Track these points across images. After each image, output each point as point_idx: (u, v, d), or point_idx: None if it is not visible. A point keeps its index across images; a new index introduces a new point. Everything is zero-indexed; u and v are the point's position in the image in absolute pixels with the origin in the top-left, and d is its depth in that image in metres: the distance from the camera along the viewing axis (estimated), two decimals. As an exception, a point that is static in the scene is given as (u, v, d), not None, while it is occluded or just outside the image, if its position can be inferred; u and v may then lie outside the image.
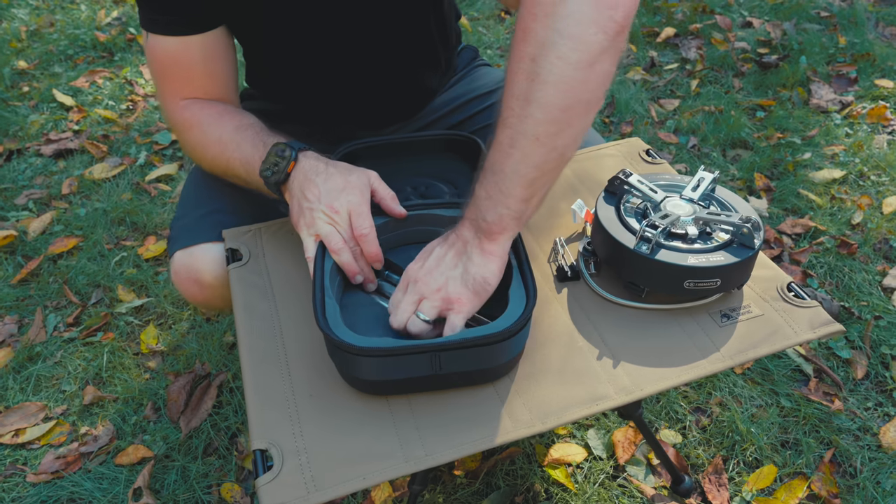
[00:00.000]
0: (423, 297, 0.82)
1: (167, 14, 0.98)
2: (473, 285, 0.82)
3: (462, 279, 0.82)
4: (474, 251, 0.82)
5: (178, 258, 1.05)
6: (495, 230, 0.81)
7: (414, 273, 0.85)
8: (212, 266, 1.03)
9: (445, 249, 0.84)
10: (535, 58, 0.74)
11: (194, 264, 1.04)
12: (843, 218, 1.93)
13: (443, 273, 0.83)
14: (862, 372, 1.53)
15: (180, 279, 1.06)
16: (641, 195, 0.94)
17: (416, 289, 0.83)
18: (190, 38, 0.99)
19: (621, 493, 1.33)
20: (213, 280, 1.03)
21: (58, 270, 1.91)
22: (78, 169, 2.33)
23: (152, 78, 1.09)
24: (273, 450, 0.74)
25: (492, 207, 0.80)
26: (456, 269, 0.82)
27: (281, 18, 1.03)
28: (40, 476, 1.41)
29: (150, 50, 1.02)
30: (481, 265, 0.82)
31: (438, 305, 0.82)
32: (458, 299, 0.81)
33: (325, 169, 0.93)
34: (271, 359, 0.85)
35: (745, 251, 0.86)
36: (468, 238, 0.83)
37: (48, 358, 1.67)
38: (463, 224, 0.84)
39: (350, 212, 0.90)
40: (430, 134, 1.11)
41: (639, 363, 0.83)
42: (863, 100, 2.43)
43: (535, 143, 0.76)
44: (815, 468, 1.36)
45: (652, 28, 2.97)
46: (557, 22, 0.72)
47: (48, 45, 3.10)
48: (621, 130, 2.41)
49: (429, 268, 0.84)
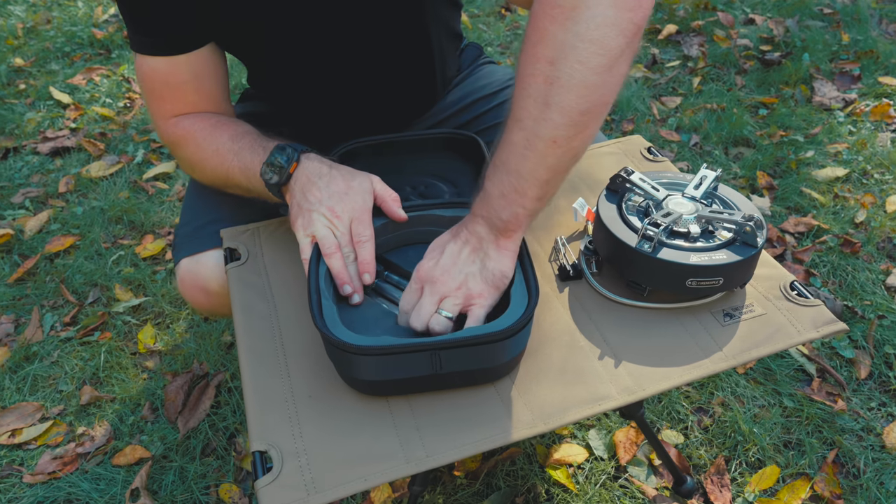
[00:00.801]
0: (444, 295, 0.83)
1: (152, 36, 0.97)
2: (493, 280, 0.83)
3: (481, 275, 0.83)
4: (490, 247, 0.83)
5: (184, 266, 1.05)
6: (511, 227, 0.82)
7: (428, 272, 0.85)
8: (218, 273, 1.03)
9: (459, 246, 0.85)
10: (554, 61, 0.73)
11: (200, 272, 1.04)
12: (847, 216, 1.93)
13: (461, 270, 0.84)
14: (865, 372, 1.53)
15: (186, 287, 1.06)
16: (643, 193, 0.94)
17: (435, 289, 0.84)
18: (178, 57, 0.98)
19: (623, 493, 1.32)
20: (219, 288, 1.03)
21: (54, 269, 1.91)
22: (75, 167, 2.33)
23: (143, 97, 1.09)
24: (272, 451, 0.74)
25: (507, 206, 0.81)
26: (474, 265, 0.84)
27: (282, 33, 1.02)
28: (37, 477, 1.41)
29: (140, 70, 1.01)
30: (498, 260, 0.83)
31: (461, 302, 0.83)
32: (479, 294, 0.83)
33: (328, 172, 0.93)
34: (270, 359, 0.85)
35: (748, 250, 0.85)
36: (483, 235, 0.83)
37: (45, 358, 1.67)
38: (475, 221, 0.84)
39: (351, 218, 0.90)
40: (430, 133, 1.10)
41: (641, 363, 0.83)
42: (866, 97, 2.43)
43: (552, 146, 0.77)
44: (818, 469, 1.36)
45: (654, 25, 2.96)
46: (578, 25, 0.71)
47: (45, 42, 3.10)
48: (623, 128, 2.40)
49: (445, 266, 0.84)
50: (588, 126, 0.77)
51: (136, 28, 0.97)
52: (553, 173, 0.79)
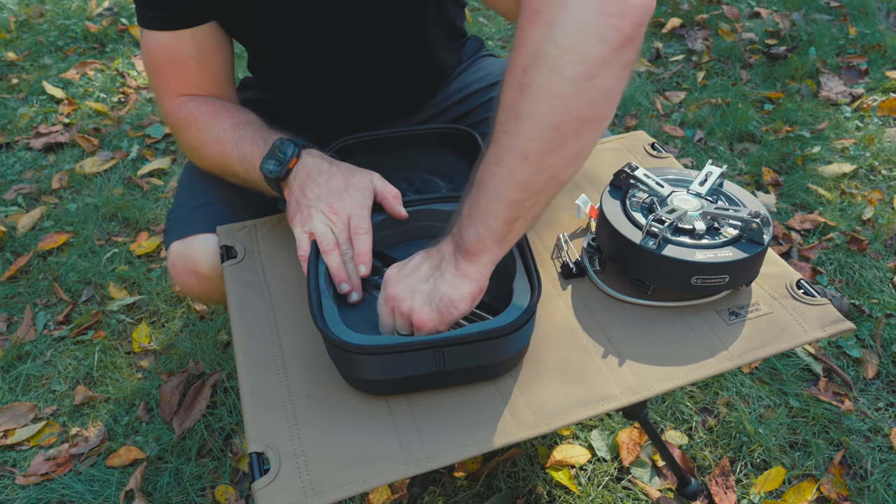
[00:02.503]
0: (394, 307, 0.81)
1: (158, 10, 0.99)
2: (438, 305, 0.78)
3: (428, 296, 0.79)
4: (449, 269, 0.78)
5: (175, 249, 1.05)
6: (473, 250, 0.76)
7: (389, 277, 0.83)
8: (209, 256, 1.03)
9: (423, 260, 0.82)
10: (528, 69, 0.68)
11: (191, 255, 1.04)
12: (854, 213, 1.92)
13: (411, 285, 0.80)
14: (873, 371, 1.53)
15: (177, 270, 1.06)
16: (648, 189, 0.94)
17: (387, 295, 0.82)
18: (182, 32, 1.00)
19: (626, 495, 1.32)
20: (209, 271, 1.03)
21: (48, 267, 1.91)
22: (68, 163, 2.32)
23: (148, 75, 1.10)
24: (270, 452, 0.74)
25: (471, 225, 0.76)
26: (426, 284, 0.79)
27: (280, 17, 1.03)
28: (29, 478, 1.41)
29: (145, 46, 1.04)
30: (452, 285, 0.78)
31: (405, 323, 0.80)
32: (419, 318, 0.78)
33: (328, 168, 0.93)
34: (267, 359, 0.85)
35: (754, 247, 0.85)
36: (445, 254, 0.79)
37: (38, 357, 1.67)
38: (447, 238, 0.81)
39: (350, 215, 0.90)
40: (426, 128, 1.10)
41: (645, 362, 0.83)
42: (874, 92, 2.43)
43: (522, 161, 0.71)
44: (825, 470, 1.35)
45: (657, 18, 2.96)
46: (554, 31, 0.66)
47: (38, 35, 3.10)
48: (626, 123, 2.40)
49: (402, 275, 0.82)
50: (565, 143, 0.71)
51: (144, 2, 1.00)
52: (525, 194, 0.73)
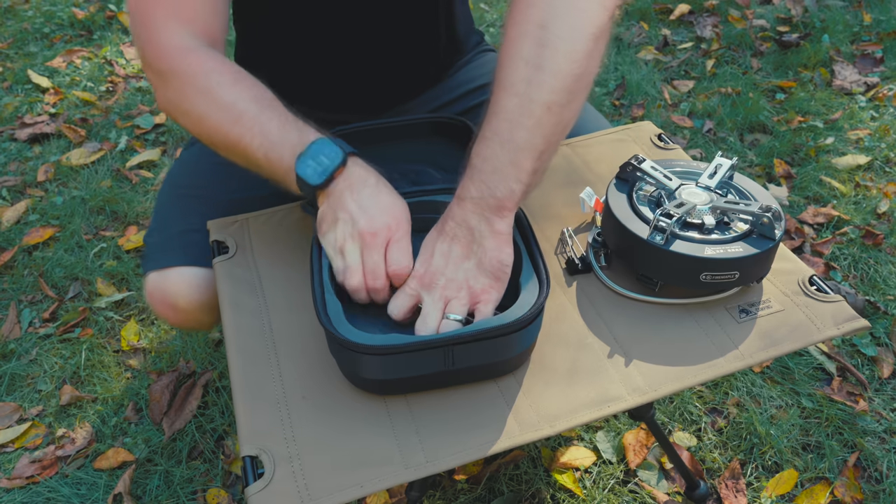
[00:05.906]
0: (447, 299, 0.81)
1: None
2: (493, 271, 0.80)
3: (479, 269, 0.81)
4: (485, 236, 0.80)
5: (152, 280, 1.05)
6: (507, 205, 0.80)
7: (422, 278, 0.82)
8: (187, 290, 1.02)
9: (448, 244, 0.82)
10: (545, 24, 0.77)
11: (169, 289, 1.03)
12: (868, 207, 1.92)
13: (456, 270, 0.81)
14: (888, 370, 1.53)
15: (154, 301, 1.05)
16: (655, 182, 0.94)
17: (434, 294, 0.81)
18: None
19: (632, 499, 1.33)
20: (187, 305, 1.03)
21: (33, 262, 1.91)
22: (54, 154, 2.32)
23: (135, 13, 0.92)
24: (264, 456, 0.74)
25: (502, 181, 0.79)
26: (469, 261, 0.81)
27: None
28: (14, 481, 1.41)
29: None
30: (495, 249, 0.80)
31: (467, 302, 0.81)
32: (483, 290, 0.80)
33: (374, 183, 0.87)
34: (260, 358, 0.85)
35: (766, 242, 0.85)
36: (473, 223, 0.81)
37: (23, 355, 1.66)
38: (462, 206, 0.81)
39: (389, 239, 0.84)
40: (418, 117, 1.10)
41: (653, 362, 0.83)
42: (889, 81, 2.42)
43: (547, 112, 0.78)
44: (839, 473, 1.36)
45: (665, 5, 2.95)
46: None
47: (23, 22, 3.09)
48: (632, 114, 2.40)
49: (439, 268, 0.81)
50: (578, 95, 0.81)
51: None
52: (547, 144, 0.80)
